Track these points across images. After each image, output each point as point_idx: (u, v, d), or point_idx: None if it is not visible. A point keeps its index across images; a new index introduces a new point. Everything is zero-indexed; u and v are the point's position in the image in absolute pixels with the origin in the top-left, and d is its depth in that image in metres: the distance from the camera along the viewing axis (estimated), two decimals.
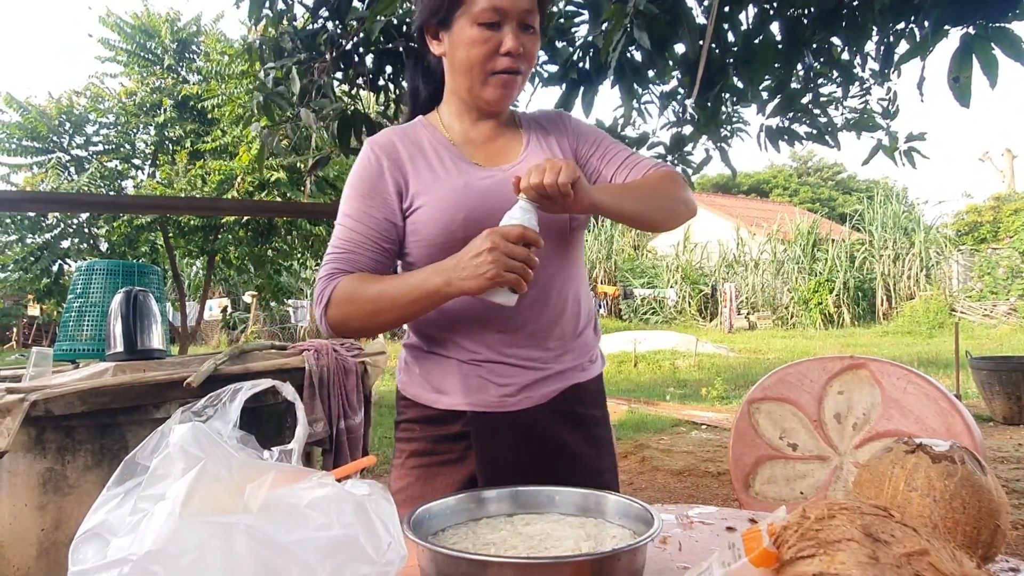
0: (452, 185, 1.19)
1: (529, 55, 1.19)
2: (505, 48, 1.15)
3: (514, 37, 1.15)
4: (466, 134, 1.27)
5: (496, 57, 1.16)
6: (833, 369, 1.62)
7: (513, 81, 1.20)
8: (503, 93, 1.20)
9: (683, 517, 1.11)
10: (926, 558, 0.48)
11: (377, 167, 1.21)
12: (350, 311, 1.15)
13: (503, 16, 1.15)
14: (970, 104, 2.24)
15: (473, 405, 1.22)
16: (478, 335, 1.21)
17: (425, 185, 1.20)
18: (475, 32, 1.15)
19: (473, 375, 1.22)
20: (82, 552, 0.59)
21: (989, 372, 6.07)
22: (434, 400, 1.25)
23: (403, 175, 1.21)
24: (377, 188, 1.20)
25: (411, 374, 1.30)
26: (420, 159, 1.22)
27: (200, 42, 7.05)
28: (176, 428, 0.63)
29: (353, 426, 2.61)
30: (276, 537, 0.57)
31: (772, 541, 0.52)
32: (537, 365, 1.22)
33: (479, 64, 1.17)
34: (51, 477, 2.07)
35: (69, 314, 2.78)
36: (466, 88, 1.22)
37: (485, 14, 1.14)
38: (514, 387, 1.21)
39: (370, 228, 1.19)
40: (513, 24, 1.16)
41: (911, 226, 18.24)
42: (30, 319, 17.26)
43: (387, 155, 1.22)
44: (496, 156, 1.26)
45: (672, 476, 4.58)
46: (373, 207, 1.20)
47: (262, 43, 3.48)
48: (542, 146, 1.29)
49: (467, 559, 0.70)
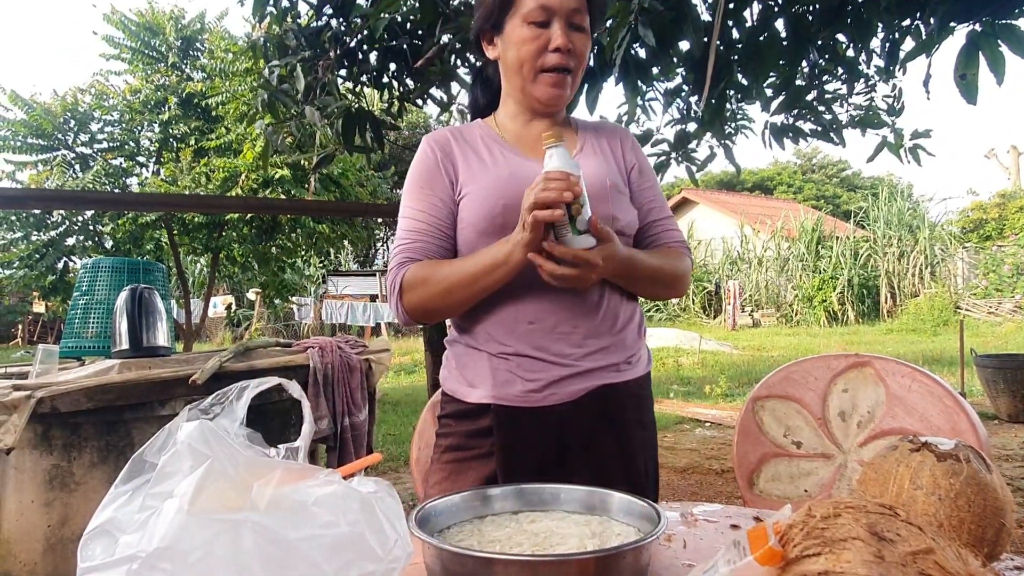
0: (497, 174, 1.24)
1: (579, 53, 1.24)
2: (553, 44, 1.21)
3: (562, 34, 1.20)
4: (519, 133, 1.32)
5: (545, 54, 1.22)
6: (838, 367, 1.62)
7: (563, 80, 1.24)
8: (554, 92, 1.25)
9: (688, 515, 1.11)
10: (932, 557, 0.48)
11: (432, 160, 1.28)
12: (424, 294, 1.20)
13: (551, 14, 1.20)
14: (977, 101, 2.23)
15: (498, 398, 1.23)
16: (510, 325, 1.23)
17: (472, 174, 1.26)
18: (525, 31, 1.21)
19: (502, 368, 1.24)
20: (91, 549, 0.60)
21: (994, 370, 6.05)
22: (466, 393, 1.28)
23: (454, 166, 1.28)
24: (433, 178, 1.27)
25: (450, 368, 1.34)
26: (471, 152, 1.29)
27: (204, 39, 7.06)
28: (184, 426, 0.64)
29: (357, 423, 2.62)
30: (283, 534, 0.57)
31: (777, 539, 0.52)
32: (566, 362, 1.22)
33: (529, 61, 1.22)
34: (57, 474, 2.09)
35: (75, 311, 2.79)
36: (519, 87, 1.27)
37: (534, 13, 1.20)
38: (540, 382, 1.22)
39: (431, 215, 1.26)
40: (561, 22, 1.21)
41: (916, 223, 18.19)
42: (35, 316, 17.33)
43: (441, 149, 1.29)
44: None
45: (676, 473, 4.58)
46: (432, 196, 1.27)
47: (266, 40, 3.49)
48: (595, 150, 1.33)
49: (472, 557, 0.70)
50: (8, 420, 1.93)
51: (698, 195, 23.70)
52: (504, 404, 1.23)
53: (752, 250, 19.75)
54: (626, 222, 1.28)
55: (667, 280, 1.30)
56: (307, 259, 8.94)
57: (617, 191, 1.28)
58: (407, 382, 9.59)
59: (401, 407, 7.23)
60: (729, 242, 20.32)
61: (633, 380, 1.30)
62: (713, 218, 22.13)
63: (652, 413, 1.38)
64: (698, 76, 3.52)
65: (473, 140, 1.31)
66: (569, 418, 1.23)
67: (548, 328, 1.22)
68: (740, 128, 4.08)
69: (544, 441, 1.23)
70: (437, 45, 3.24)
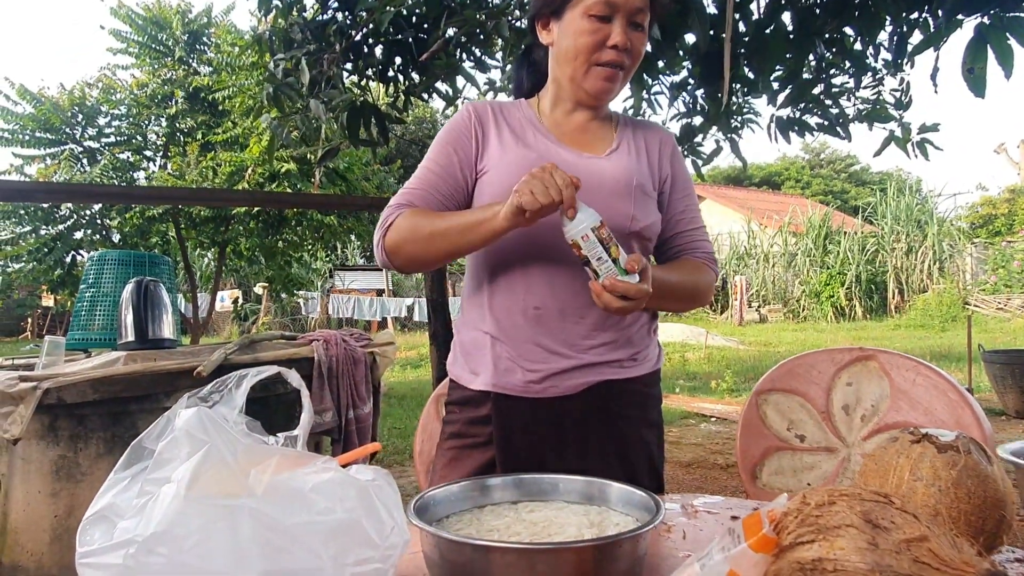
0: (525, 156, 1.24)
1: (635, 52, 1.24)
2: (612, 41, 1.20)
3: (623, 32, 1.19)
4: (557, 121, 1.32)
5: (603, 49, 1.21)
6: (842, 360, 1.61)
7: (616, 75, 1.24)
8: (604, 86, 1.25)
9: (688, 506, 1.11)
10: (925, 544, 0.48)
11: (467, 124, 1.29)
12: (409, 236, 1.20)
13: (614, 10, 1.19)
14: (985, 95, 2.21)
15: (498, 387, 1.24)
16: (517, 309, 1.23)
17: (500, 151, 1.26)
18: (585, 23, 1.20)
19: (504, 356, 1.24)
20: (89, 534, 0.60)
21: (1002, 366, 6.02)
22: (469, 380, 1.29)
23: (485, 137, 1.28)
24: (461, 142, 1.28)
25: (455, 355, 1.35)
26: (506, 129, 1.29)
27: (211, 34, 7.06)
28: (182, 413, 0.64)
29: (362, 416, 2.62)
30: (280, 520, 0.58)
31: (772, 527, 0.52)
32: (569, 353, 1.22)
33: (585, 53, 1.22)
34: (64, 464, 2.10)
35: (81, 304, 2.80)
36: (568, 76, 1.26)
37: (597, 7, 1.19)
38: (540, 373, 1.22)
39: (447, 173, 1.26)
40: (623, 20, 1.20)
41: (924, 219, 18.08)
42: (44, 310, 17.43)
43: (478, 117, 1.30)
44: (582, 146, 1.30)
45: (681, 468, 4.58)
46: (453, 156, 1.27)
47: (272, 34, 3.49)
48: (630, 149, 1.32)
49: (471, 544, 0.70)
50: (15, 411, 1.95)
51: (705, 190, 23.62)
52: (503, 393, 1.24)
53: (759, 245, 19.68)
54: (646, 224, 1.27)
55: (684, 295, 1.29)
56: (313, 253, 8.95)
57: (642, 192, 1.27)
58: (413, 376, 9.61)
59: (407, 401, 7.25)
60: (736, 237, 20.24)
61: (638, 377, 1.29)
62: (720, 213, 22.05)
63: (659, 412, 1.37)
64: (704, 70, 3.50)
65: (511, 118, 1.31)
66: (568, 411, 1.23)
67: (555, 315, 1.22)
68: (746, 122, 4.06)
69: (542, 432, 1.23)
70: (442, 39, 3.24)
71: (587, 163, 1.26)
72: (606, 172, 1.26)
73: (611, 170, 1.26)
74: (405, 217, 1.21)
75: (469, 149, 1.27)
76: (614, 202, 1.23)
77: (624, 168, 1.27)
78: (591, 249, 1.05)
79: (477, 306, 1.29)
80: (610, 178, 1.25)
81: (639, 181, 1.27)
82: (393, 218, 1.22)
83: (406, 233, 1.20)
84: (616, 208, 1.23)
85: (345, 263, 19.39)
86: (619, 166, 1.27)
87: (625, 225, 1.23)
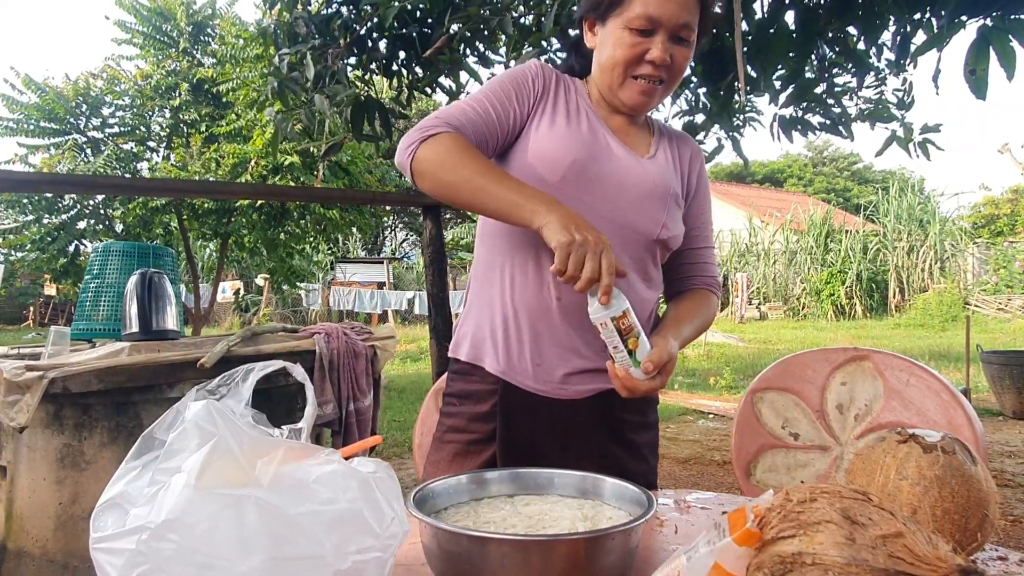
0: (579, 130, 1.23)
1: (677, 67, 1.20)
2: (651, 56, 1.17)
3: (662, 48, 1.17)
4: (604, 115, 1.30)
5: (641, 63, 1.19)
6: (836, 360, 1.63)
7: (653, 90, 1.22)
8: (640, 99, 1.23)
9: (681, 502, 1.13)
10: (901, 540, 0.50)
11: (532, 76, 1.26)
12: (444, 161, 1.12)
13: (656, 25, 1.16)
14: (986, 97, 2.22)
15: (508, 376, 1.22)
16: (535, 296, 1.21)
17: (556, 118, 1.24)
18: (625, 35, 1.18)
19: (518, 347, 1.22)
20: (102, 520, 0.63)
21: (1000, 366, 6.04)
22: (476, 358, 1.26)
23: (545, 98, 1.26)
24: (524, 90, 1.25)
25: (461, 332, 1.32)
26: (562, 99, 1.27)
27: (215, 25, 7.07)
28: (191, 405, 0.66)
29: (362, 408, 2.65)
30: (285, 509, 0.60)
31: (756, 522, 0.55)
32: (586, 352, 1.21)
33: (622, 66, 1.20)
34: (68, 452, 2.13)
35: (86, 294, 2.83)
36: (606, 85, 1.25)
37: (638, 20, 1.16)
38: (555, 373, 1.21)
39: (500, 114, 1.21)
40: (664, 35, 1.17)
41: (926, 218, 18.07)
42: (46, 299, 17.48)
43: (544, 76, 1.28)
44: (627, 144, 1.29)
45: (678, 464, 4.61)
46: (512, 101, 1.23)
47: (276, 28, 3.50)
48: (667, 157, 1.32)
49: (467, 536, 0.73)
50: (21, 399, 1.97)
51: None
52: (513, 384, 1.22)
53: (760, 243, 19.68)
54: (673, 234, 1.27)
55: (698, 336, 1.31)
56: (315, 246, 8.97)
57: (675, 202, 1.28)
58: (413, 369, 9.64)
59: (407, 394, 7.28)
60: (737, 234, 20.25)
61: None
62: (722, 210, 22.03)
63: (656, 413, 1.40)
64: (707, 68, 3.51)
65: (571, 93, 1.29)
66: (575, 415, 1.23)
67: (574, 309, 1.19)
68: (748, 120, 4.07)
69: (546, 434, 1.23)
70: (446, 34, 3.25)
71: (632, 160, 1.25)
72: (648, 174, 1.25)
73: (652, 173, 1.25)
74: (451, 139, 1.13)
75: (528, 100, 1.24)
76: (649, 206, 1.23)
77: (663, 174, 1.27)
78: (609, 337, 1.05)
79: (495, 285, 1.25)
80: (650, 181, 1.24)
81: (675, 190, 1.27)
82: (437, 131, 1.14)
83: (445, 157, 1.11)
84: (650, 213, 1.23)
85: (347, 256, 19.43)
86: (659, 171, 1.26)
87: (654, 232, 1.23)
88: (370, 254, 21.22)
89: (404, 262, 21.55)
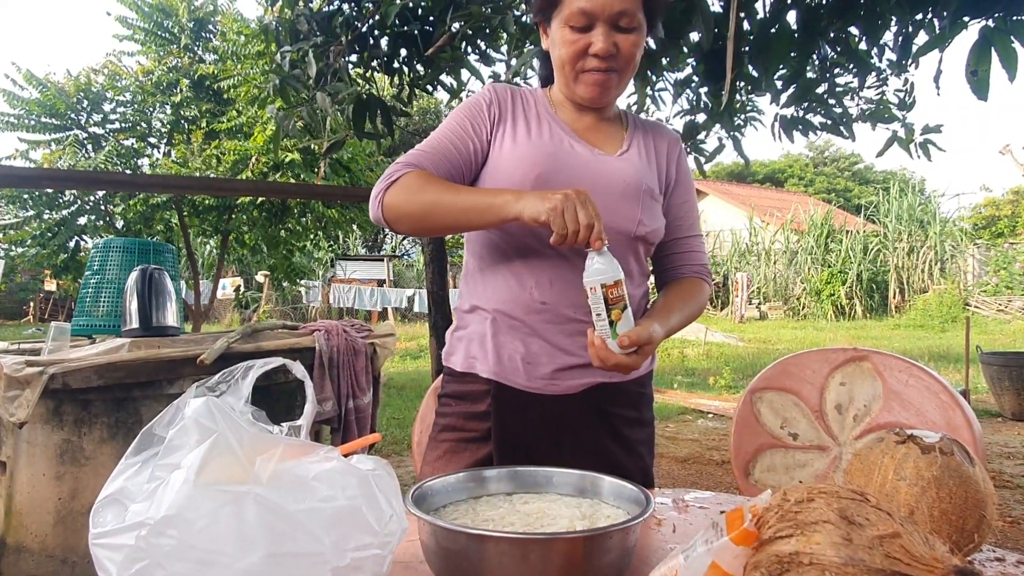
0: (540, 145, 1.25)
1: (625, 54, 1.21)
2: (594, 50, 1.19)
3: (603, 39, 1.18)
4: (570, 116, 1.32)
5: (585, 57, 1.21)
6: (836, 360, 1.63)
7: (606, 80, 1.23)
8: (596, 91, 1.24)
9: (680, 501, 1.14)
10: (898, 541, 0.50)
11: (487, 102, 1.29)
12: (412, 196, 1.16)
13: (592, 19, 1.18)
14: (988, 98, 2.22)
15: (500, 377, 1.24)
16: (522, 303, 1.23)
17: (515, 136, 1.26)
18: (567, 33, 1.20)
19: (507, 348, 1.24)
20: (102, 516, 0.63)
21: (999, 367, 6.04)
22: (469, 366, 1.28)
23: (502, 119, 1.28)
24: (479, 118, 1.27)
25: (454, 340, 1.34)
26: (521, 115, 1.30)
27: (217, 22, 7.06)
28: (191, 402, 0.67)
29: (361, 406, 2.65)
30: (284, 506, 0.60)
31: (754, 522, 0.55)
32: (572, 350, 1.22)
33: (569, 63, 1.22)
34: (68, 448, 2.13)
35: (86, 290, 2.83)
36: (563, 84, 1.28)
37: (573, 17, 1.18)
38: (543, 369, 1.23)
39: (460, 144, 1.25)
40: (603, 26, 1.18)
41: (927, 219, 18.07)
42: (46, 294, 17.48)
43: (498, 97, 1.30)
44: (595, 143, 1.30)
45: (676, 463, 4.61)
46: (469, 129, 1.26)
47: (278, 25, 3.50)
48: (640, 152, 1.32)
49: (466, 533, 0.73)
50: (21, 395, 1.98)
51: (708, 186, 23.59)
52: (505, 384, 1.24)
53: (761, 242, 19.68)
54: (652, 229, 1.27)
55: (684, 326, 1.31)
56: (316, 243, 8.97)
57: (650, 197, 1.28)
58: (412, 367, 9.65)
59: (406, 391, 7.29)
60: (738, 234, 20.24)
61: (634, 379, 1.31)
62: (723, 209, 22.04)
63: (651, 410, 1.40)
64: (708, 67, 3.51)
65: (529, 105, 1.31)
66: (567, 410, 1.24)
67: (561, 312, 1.21)
68: (750, 120, 4.07)
69: (540, 429, 1.24)
70: (448, 32, 3.25)
71: (599, 161, 1.26)
72: (617, 172, 1.26)
73: (622, 171, 1.26)
74: (412, 177, 1.18)
75: (485, 127, 1.27)
76: (622, 205, 1.23)
77: (635, 170, 1.27)
78: (595, 303, 1.05)
79: (481, 294, 1.28)
80: (620, 180, 1.25)
81: (648, 185, 1.27)
82: (399, 175, 1.19)
83: (410, 194, 1.16)
84: (624, 211, 1.23)
85: (347, 253, 19.43)
86: (630, 168, 1.27)
87: (631, 229, 1.24)
88: (370, 251, 21.23)
89: (404, 260, 21.55)
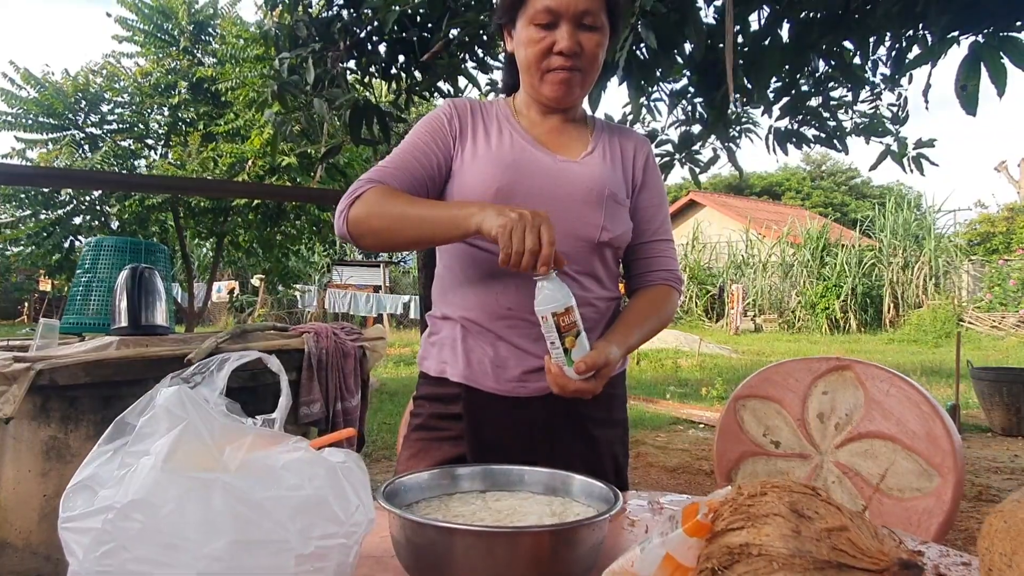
0: (500, 157, 1.25)
1: (589, 53, 1.22)
2: (558, 48, 1.21)
3: (568, 37, 1.19)
4: (533, 121, 1.33)
5: (550, 56, 1.22)
6: (819, 370, 1.65)
7: (570, 78, 1.24)
8: (560, 89, 1.25)
9: (655, 503, 1.15)
10: (845, 534, 0.51)
11: (447, 117, 1.30)
12: (376, 212, 1.17)
13: (557, 17, 1.19)
14: (976, 113, 2.25)
15: (470, 381, 1.25)
16: (489, 309, 1.24)
17: (475, 149, 1.27)
18: (532, 31, 1.21)
19: (477, 353, 1.25)
20: (72, 501, 0.64)
21: (990, 383, 6.05)
22: (441, 370, 1.30)
23: (462, 133, 1.29)
24: (440, 133, 1.28)
25: (427, 345, 1.35)
26: (481, 128, 1.30)
27: (216, 25, 7.10)
28: (163, 391, 0.68)
29: (350, 408, 2.66)
30: (251, 494, 0.61)
31: (708, 514, 0.56)
32: (539, 353, 1.22)
33: (534, 62, 1.23)
34: (54, 445, 2.13)
35: (77, 288, 2.84)
36: (529, 84, 1.29)
37: (539, 15, 1.20)
38: (511, 372, 1.24)
39: (423, 158, 1.26)
40: (568, 24, 1.20)
41: (922, 234, 18.14)
42: (41, 294, 17.44)
43: (457, 112, 1.31)
44: (557, 148, 1.31)
45: (666, 472, 4.61)
46: (432, 145, 1.27)
47: (277, 30, 3.52)
48: (605, 155, 1.33)
49: (434, 527, 0.74)
50: (8, 390, 1.98)
51: (705, 197, 23.67)
52: (476, 387, 1.26)
53: (757, 255, 19.74)
54: (616, 234, 1.28)
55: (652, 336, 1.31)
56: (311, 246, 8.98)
57: (614, 201, 1.28)
58: (406, 373, 9.63)
59: (398, 397, 7.28)
60: (734, 246, 20.30)
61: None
62: (719, 221, 22.10)
63: (624, 411, 1.40)
64: (703, 78, 3.54)
65: (489, 117, 1.32)
66: (538, 412, 1.25)
67: (524, 316, 1.22)
68: (744, 131, 4.10)
69: (512, 431, 1.25)
70: (445, 39, 3.28)
71: (560, 166, 1.26)
72: (579, 178, 1.26)
73: (584, 176, 1.26)
74: (376, 192, 1.19)
75: (446, 141, 1.28)
76: (585, 211, 1.24)
77: (598, 175, 1.27)
78: (548, 332, 1.05)
79: (451, 302, 1.29)
80: (582, 185, 1.25)
81: (612, 190, 1.27)
82: (363, 190, 1.20)
83: (374, 208, 1.17)
84: (586, 217, 1.24)
85: (343, 258, 19.42)
86: (592, 172, 1.27)
87: (594, 235, 1.24)
88: (367, 257, 21.22)
89: (401, 266, 21.54)
